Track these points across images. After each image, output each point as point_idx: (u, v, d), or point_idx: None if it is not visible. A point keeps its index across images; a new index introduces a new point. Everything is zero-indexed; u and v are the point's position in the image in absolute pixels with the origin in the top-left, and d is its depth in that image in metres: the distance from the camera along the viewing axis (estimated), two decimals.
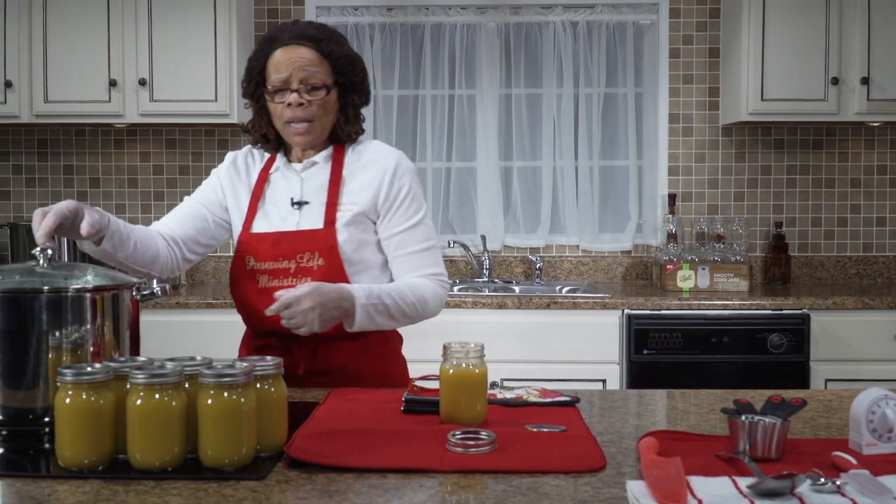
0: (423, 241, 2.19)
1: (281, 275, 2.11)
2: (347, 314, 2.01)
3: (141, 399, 1.34)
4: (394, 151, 2.22)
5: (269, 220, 2.18)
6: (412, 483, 1.31)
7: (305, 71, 2.10)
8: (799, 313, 3.72)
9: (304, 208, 2.16)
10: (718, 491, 1.24)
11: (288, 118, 2.11)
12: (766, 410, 1.49)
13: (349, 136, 2.21)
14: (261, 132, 2.22)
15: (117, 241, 2.00)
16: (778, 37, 4.04)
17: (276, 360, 1.47)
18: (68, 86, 4.07)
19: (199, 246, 2.27)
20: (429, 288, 2.16)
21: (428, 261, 2.19)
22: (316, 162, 2.19)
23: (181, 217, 2.26)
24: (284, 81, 2.10)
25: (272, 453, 1.45)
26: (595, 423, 1.69)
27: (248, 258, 2.14)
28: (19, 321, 1.60)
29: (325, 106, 2.13)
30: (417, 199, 2.20)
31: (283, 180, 2.21)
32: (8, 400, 1.59)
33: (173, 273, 2.23)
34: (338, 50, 2.15)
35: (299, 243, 2.11)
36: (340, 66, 2.15)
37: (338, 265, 2.09)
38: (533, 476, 1.35)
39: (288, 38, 2.12)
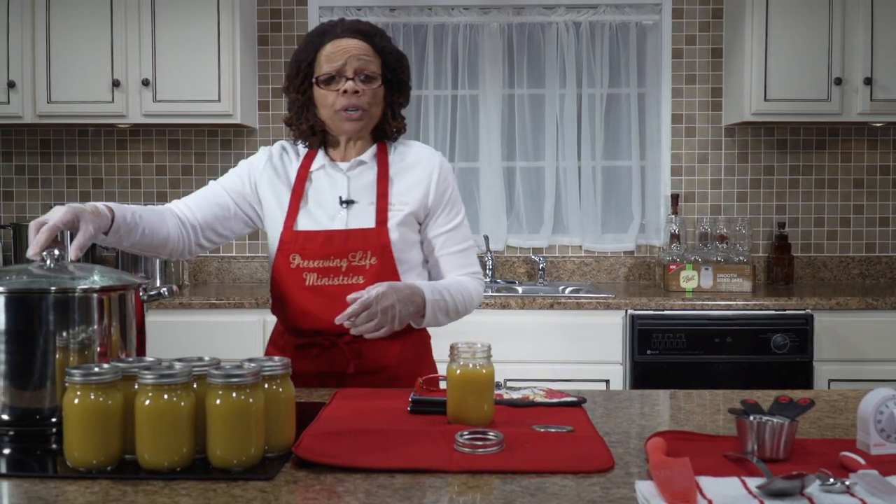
0: (464, 240, 2.25)
1: (332, 273, 2.11)
2: (419, 310, 2.05)
3: (150, 399, 1.34)
4: (435, 152, 2.25)
5: (314, 219, 2.16)
6: (421, 483, 1.31)
7: (360, 60, 2.11)
8: (802, 313, 3.72)
9: (352, 208, 2.16)
10: (728, 491, 1.23)
11: (342, 105, 2.11)
12: (774, 411, 1.49)
13: (394, 133, 2.23)
14: (307, 123, 2.20)
15: (123, 234, 2.00)
16: (781, 37, 4.04)
17: (283, 361, 1.47)
18: (71, 86, 4.08)
19: (215, 234, 2.25)
20: (473, 286, 2.22)
21: (468, 260, 2.25)
22: (363, 161, 2.19)
23: (202, 201, 2.23)
24: (339, 70, 2.11)
25: (280, 453, 1.44)
26: (602, 424, 1.69)
27: (292, 256, 2.13)
28: (26, 321, 1.59)
29: (375, 97, 2.14)
30: (458, 199, 2.26)
31: (328, 178, 2.20)
32: (15, 400, 1.59)
33: (184, 256, 2.23)
34: (388, 46, 2.18)
35: (351, 242, 2.11)
36: (390, 63, 2.17)
37: (391, 264, 2.11)
38: (541, 476, 1.34)
39: (341, 31, 2.14)
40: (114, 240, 1.99)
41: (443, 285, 2.14)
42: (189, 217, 2.21)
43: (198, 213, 2.22)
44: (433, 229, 2.21)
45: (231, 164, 4.48)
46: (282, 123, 4.47)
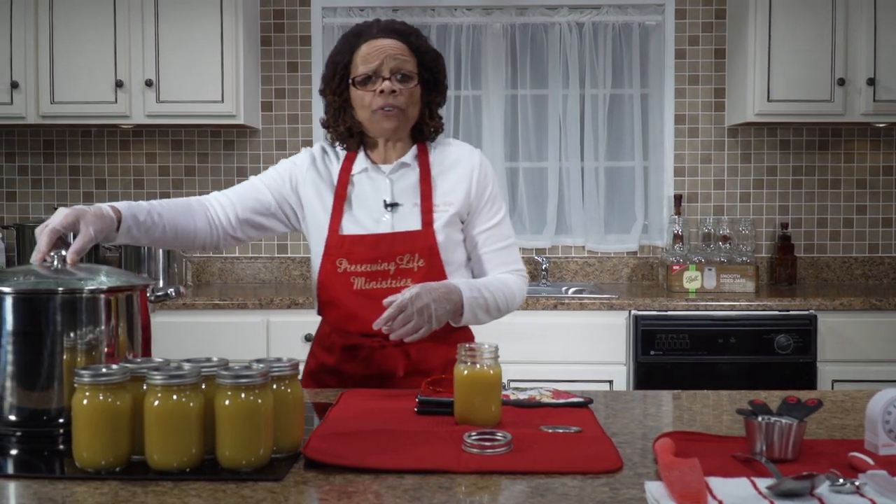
0: (506, 237, 2.24)
1: (380, 277, 2.11)
2: (456, 308, 2.04)
3: (159, 400, 1.34)
4: (474, 150, 2.25)
5: (359, 223, 2.15)
6: (430, 484, 1.31)
7: (396, 60, 2.10)
8: (806, 314, 3.72)
9: (397, 210, 2.15)
10: (737, 492, 1.23)
11: (379, 105, 2.10)
12: (782, 411, 1.49)
13: (431, 133, 2.22)
14: (345, 125, 2.19)
15: (139, 234, 2.00)
16: (784, 38, 4.04)
17: (292, 361, 1.47)
18: (75, 87, 4.08)
19: (253, 229, 2.24)
20: (515, 283, 2.21)
21: (510, 256, 2.24)
22: (406, 163, 2.18)
23: (242, 195, 2.22)
24: (375, 70, 2.10)
25: (288, 454, 1.44)
26: (609, 424, 1.69)
27: (339, 261, 2.12)
28: (34, 322, 1.59)
29: (412, 97, 2.13)
30: (500, 196, 2.25)
31: (370, 182, 2.19)
32: (22, 401, 1.59)
33: (218, 247, 2.22)
34: (424, 45, 2.17)
35: (398, 245, 2.11)
36: (426, 62, 2.16)
37: (438, 265, 2.12)
38: (550, 477, 1.34)
39: (376, 31, 2.13)
40: (126, 240, 1.99)
41: (482, 283, 2.13)
42: (227, 209, 2.20)
43: (238, 206, 2.20)
44: (475, 227, 2.20)
45: (234, 164, 4.48)
46: (284, 124, 4.47)
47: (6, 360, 1.59)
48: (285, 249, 4.52)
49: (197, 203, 2.19)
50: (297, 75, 4.49)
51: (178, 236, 2.11)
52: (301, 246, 4.51)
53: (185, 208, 2.14)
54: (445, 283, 2.05)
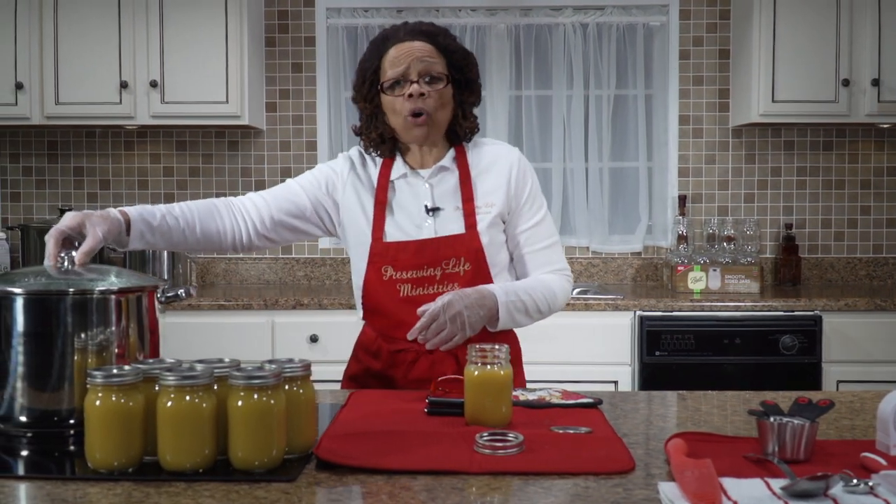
0: (548, 236, 2.21)
1: (426, 283, 2.09)
2: (491, 314, 2.02)
3: (171, 401, 1.34)
4: (512, 148, 2.22)
5: (401, 229, 2.13)
6: (443, 485, 1.31)
7: (424, 62, 2.07)
8: (811, 314, 3.72)
9: (438, 214, 2.13)
10: (752, 492, 1.23)
11: (409, 110, 2.07)
12: (794, 412, 1.48)
13: (466, 133, 2.18)
14: (377, 132, 2.16)
15: (153, 239, 1.98)
16: (788, 38, 4.04)
17: (304, 362, 1.47)
18: (79, 87, 4.08)
19: (287, 231, 2.21)
20: (557, 283, 2.18)
21: (553, 256, 2.21)
22: (445, 167, 2.16)
23: (278, 196, 2.20)
24: (403, 74, 2.07)
25: (300, 455, 1.44)
26: (619, 425, 1.69)
27: (384, 268, 2.10)
28: (45, 323, 1.60)
29: (442, 99, 2.09)
30: (540, 194, 2.22)
31: (409, 187, 2.17)
32: (33, 402, 1.60)
33: (247, 249, 2.19)
34: (453, 44, 2.13)
35: (443, 250, 2.09)
36: (456, 61, 2.13)
37: (484, 268, 2.10)
38: (562, 477, 1.34)
39: (403, 34, 2.10)
40: (140, 244, 1.97)
41: (519, 285, 2.10)
42: (262, 211, 2.17)
43: (273, 207, 2.18)
44: (517, 226, 2.17)
45: (238, 165, 4.49)
46: (289, 125, 4.48)
47: (17, 361, 1.59)
48: (289, 250, 4.52)
49: (223, 205, 2.17)
50: (302, 76, 4.49)
51: (200, 239, 2.09)
52: (305, 247, 4.51)
53: (208, 210, 2.12)
54: (479, 288, 2.02)
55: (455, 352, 2.07)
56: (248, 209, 2.18)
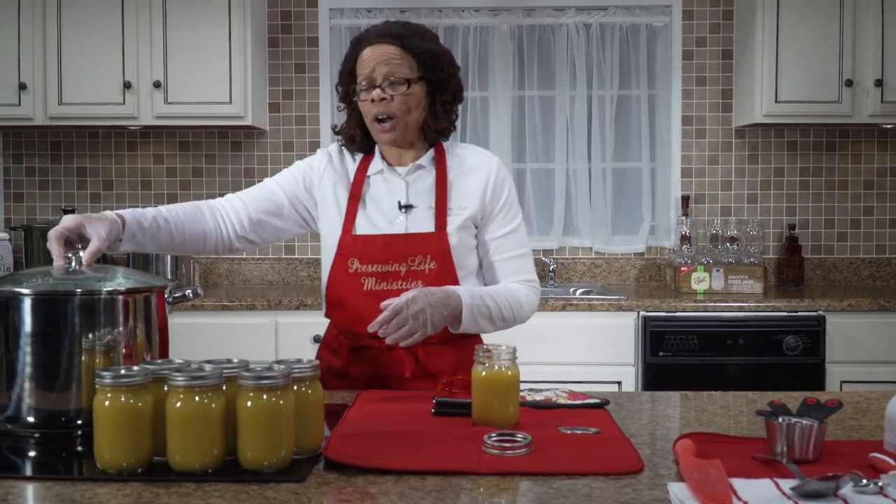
0: (520, 246, 2.22)
1: (390, 278, 2.10)
2: (454, 314, 2.01)
3: (181, 401, 1.34)
4: (492, 156, 2.23)
5: (373, 224, 2.15)
6: (452, 485, 1.31)
7: (388, 65, 2.08)
8: (814, 315, 3.71)
9: (411, 212, 2.15)
10: (762, 493, 1.23)
11: (374, 114, 2.10)
12: (802, 412, 1.48)
13: (438, 133, 2.18)
14: (348, 133, 2.20)
15: (143, 240, 1.99)
16: (792, 39, 4.04)
17: (312, 362, 1.47)
18: (82, 88, 4.08)
19: (267, 231, 2.23)
20: (524, 293, 2.18)
21: (523, 266, 2.22)
22: (422, 165, 2.18)
23: (256, 197, 2.22)
24: (369, 78, 2.09)
25: (309, 455, 1.44)
26: (626, 426, 1.69)
27: (351, 260, 2.12)
28: (52, 323, 1.60)
29: (408, 101, 2.10)
30: (516, 204, 2.23)
31: (385, 183, 2.18)
32: (41, 402, 1.60)
33: (228, 250, 2.21)
34: (421, 45, 2.12)
35: (410, 246, 2.10)
36: (424, 61, 2.12)
37: (450, 269, 2.10)
38: (571, 478, 1.34)
39: (374, 37, 2.12)
40: (131, 247, 1.98)
41: (487, 290, 2.11)
42: (239, 212, 2.19)
43: (251, 208, 2.20)
44: (489, 233, 2.19)
45: (242, 165, 4.49)
46: (292, 125, 4.48)
47: (24, 362, 1.60)
48: (293, 250, 4.52)
49: (206, 206, 2.18)
50: (305, 76, 4.49)
51: (186, 241, 2.10)
52: (308, 247, 4.52)
53: (192, 212, 2.14)
54: (445, 288, 2.02)
55: (415, 350, 2.08)
56: (228, 211, 2.20)
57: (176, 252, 2.11)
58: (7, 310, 1.61)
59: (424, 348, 2.09)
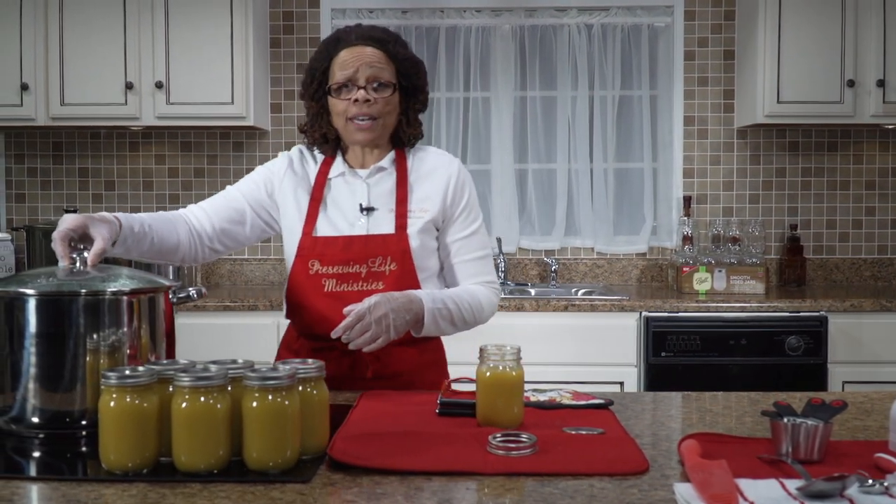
0: (480, 248, 2.22)
1: (351, 279, 2.10)
2: (416, 318, 2.02)
3: (186, 402, 1.34)
4: (454, 159, 2.24)
5: (333, 225, 2.15)
6: (458, 486, 1.31)
7: (373, 68, 2.09)
8: (816, 315, 3.71)
9: (372, 214, 2.15)
10: (768, 493, 1.23)
11: (353, 114, 2.10)
12: (807, 413, 1.49)
13: (410, 139, 2.21)
14: (321, 132, 2.20)
15: (131, 244, 1.99)
16: (794, 39, 4.04)
17: (317, 363, 1.47)
18: (85, 88, 4.08)
19: (230, 239, 2.24)
20: (484, 295, 2.18)
21: (483, 268, 2.22)
22: (383, 168, 2.18)
23: (219, 207, 2.23)
24: (351, 78, 2.09)
25: (314, 456, 1.44)
26: (630, 426, 1.69)
27: (311, 262, 2.12)
28: (57, 324, 1.60)
29: (388, 105, 2.12)
30: (476, 207, 2.24)
31: (346, 185, 2.19)
32: (45, 403, 1.60)
33: (196, 261, 2.23)
34: (402, 52, 2.15)
35: (370, 248, 2.10)
36: (405, 69, 2.15)
37: (410, 271, 2.11)
38: (577, 478, 1.34)
39: (355, 38, 2.12)
40: (121, 250, 1.98)
41: (448, 294, 2.11)
42: (203, 222, 2.21)
43: (214, 217, 2.21)
44: (449, 235, 2.19)
45: (243, 166, 4.49)
46: (294, 126, 4.48)
47: (29, 362, 1.60)
48: None
49: (177, 216, 2.19)
50: None
51: (162, 250, 2.10)
52: None
53: (168, 221, 2.14)
54: (407, 293, 2.02)
55: (377, 353, 2.06)
56: (193, 222, 2.20)
57: (150, 260, 2.10)
58: (12, 310, 1.61)
59: (386, 349, 2.07)
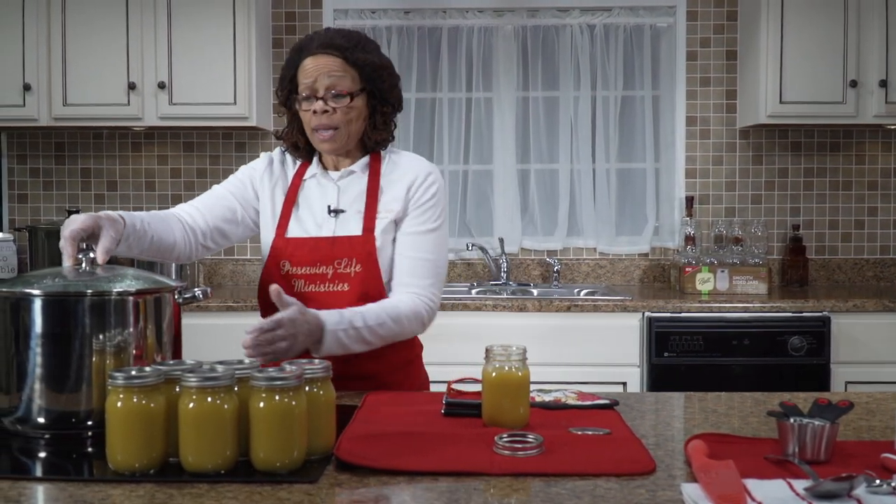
0: (428, 251, 2.16)
1: (318, 280, 2.12)
2: (315, 341, 1.96)
3: (193, 402, 1.34)
4: (428, 163, 2.23)
5: (303, 226, 2.18)
6: (465, 486, 1.31)
7: (330, 78, 2.10)
8: (819, 316, 3.71)
9: (340, 216, 2.16)
10: (775, 493, 1.23)
11: (314, 125, 2.12)
12: (814, 413, 1.48)
13: (376, 144, 2.21)
14: (291, 140, 2.23)
15: (133, 242, 2.00)
16: (796, 39, 4.04)
17: (324, 364, 1.47)
18: (87, 89, 4.08)
19: (221, 237, 2.25)
20: (408, 307, 2.10)
21: (424, 272, 2.15)
22: (353, 171, 2.19)
23: (210, 206, 2.24)
24: (311, 89, 2.11)
25: (321, 456, 1.44)
26: (636, 426, 1.69)
27: (283, 262, 2.14)
28: (63, 324, 1.60)
29: (349, 113, 2.12)
30: (439, 211, 2.20)
31: (319, 187, 2.21)
32: (51, 403, 1.60)
33: (190, 259, 2.24)
34: (364, 57, 2.14)
35: (337, 249, 2.11)
36: (367, 74, 2.14)
37: (375, 272, 2.11)
38: (584, 479, 1.34)
39: (316, 47, 2.12)
40: (123, 248, 1.98)
41: (359, 311, 2.03)
42: (197, 220, 2.21)
43: (207, 216, 2.22)
44: (401, 230, 2.16)
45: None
46: None
47: (35, 363, 1.60)
48: None
49: (169, 215, 2.19)
50: None
51: (161, 247, 2.10)
52: None
53: (164, 220, 2.14)
54: (316, 314, 1.95)
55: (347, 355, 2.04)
56: (187, 220, 2.21)
57: (147, 258, 2.10)
58: (18, 310, 1.61)
59: None
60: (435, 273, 2.17)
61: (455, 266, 4.50)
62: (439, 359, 3.67)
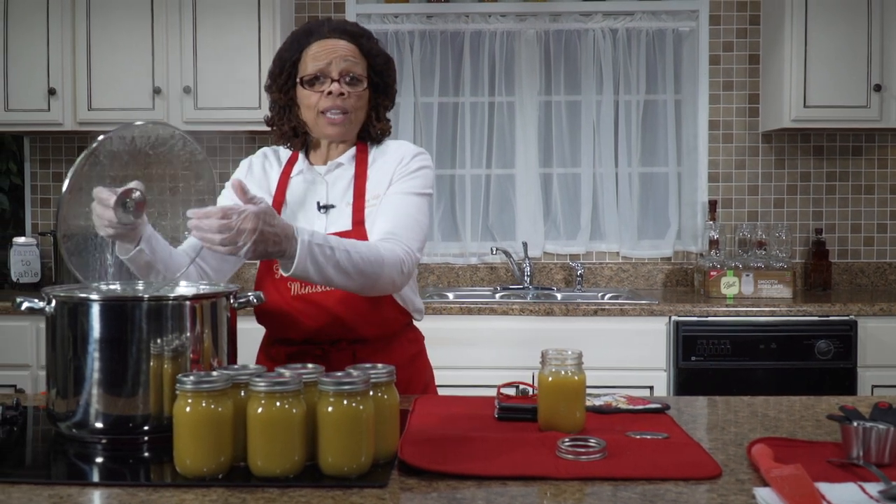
0: (412, 208, 2.07)
1: None
2: (284, 253, 1.77)
3: (262, 407, 1.34)
4: (417, 147, 2.19)
5: None
6: (535, 491, 1.31)
7: (346, 62, 2.08)
8: (846, 319, 3.71)
9: (330, 212, 2.13)
10: (849, 497, 1.23)
11: (325, 107, 2.08)
12: (875, 416, 1.49)
13: (378, 135, 2.19)
14: (290, 125, 2.17)
15: (154, 245, 1.91)
16: (820, 44, 4.03)
17: (388, 368, 1.48)
18: (112, 93, 4.09)
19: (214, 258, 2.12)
20: (387, 250, 1.95)
21: (406, 224, 2.04)
22: (341, 163, 2.16)
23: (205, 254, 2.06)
24: (323, 71, 2.07)
25: (385, 461, 1.45)
26: (691, 431, 1.69)
27: (275, 266, 2.08)
28: (120, 329, 1.60)
29: (360, 100, 2.11)
30: (425, 180, 2.13)
31: (306, 184, 2.17)
32: (108, 408, 1.60)
33: None
34: (375, 48, 2.15)
35: None
36: (377, 65, 2.14)
37: None
38: (652, 483, 1.34)
39: (327, 31, 2.11)
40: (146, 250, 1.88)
41: (339, 237, 1.90)
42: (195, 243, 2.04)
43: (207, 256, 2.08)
44: (386, 194, 2.10)
45: None
46: None
47: (92, 368, 1.60)
48: None
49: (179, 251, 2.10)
50: None
51: (168, 267, 1.96)
52: None
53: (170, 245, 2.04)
54: (288, 225, 1.77)
55: (354, 349, 2.06)
56: (186, 246, 2.09)
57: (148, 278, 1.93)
58: (76, 315, 1.61)
59: (362, 349, 2.07)
60: (417, 229, 2.06)
61: (478, 270, 4.51)
62: (467, 363, 3.69)
